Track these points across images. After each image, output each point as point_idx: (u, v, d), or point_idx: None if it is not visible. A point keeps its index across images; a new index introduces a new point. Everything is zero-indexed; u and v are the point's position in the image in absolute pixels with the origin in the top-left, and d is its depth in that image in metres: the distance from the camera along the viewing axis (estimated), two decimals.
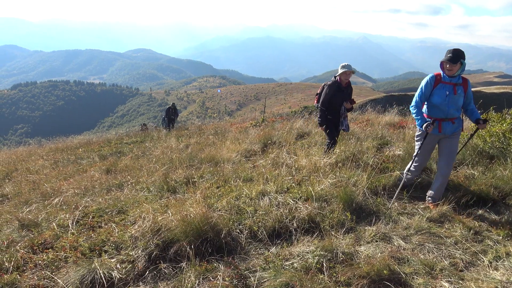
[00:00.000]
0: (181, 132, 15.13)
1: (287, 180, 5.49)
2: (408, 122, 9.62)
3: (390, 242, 3.94)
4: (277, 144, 8.37)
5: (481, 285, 3.17)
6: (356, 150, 6.79)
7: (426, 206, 4.82)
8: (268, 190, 5.09)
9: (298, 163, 6.24)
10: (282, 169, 5.98)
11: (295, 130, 9.87)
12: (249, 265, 3.60)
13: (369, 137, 8.04)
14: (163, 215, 4.21)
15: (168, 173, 6.57)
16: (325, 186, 4.99)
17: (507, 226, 4.17)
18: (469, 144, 6.24)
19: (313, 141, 8.45)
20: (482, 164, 5.80)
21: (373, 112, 12.69)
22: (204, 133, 12.93)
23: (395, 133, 8.46)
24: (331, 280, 3.24)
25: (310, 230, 4.17)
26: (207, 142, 10.35)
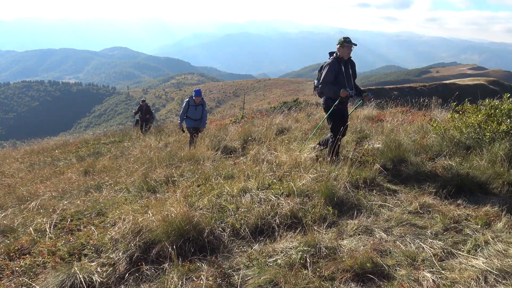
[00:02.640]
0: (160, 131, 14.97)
1: (268, 176, 5.48)
2: (386, 115, 9.74)
3: (372, 235, 3.97)
4: (257, 140, 8.35)
5: (461, 274, 3.22)
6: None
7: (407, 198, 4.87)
8: (250, 187, 5.07)
9: (278, 159, 6.23)
10: (263, 165, 5.97)
11: (274, 126, 9.88)
12: (232, 263, 3.57)
13: (348, 131, 8.09)
14: (144, 216, 4.13)
15: (148, 172, 6.47)
16: (306, 181, 4.99)
17: (485, 215, 4.26)
18: (446, 135, 6.35)
19: (293, 136, 8.46)
20: (459, 155, 5.90)
21: (350, 106, 12.77)
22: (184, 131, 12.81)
23: (373, 126, 8.54)
24: (315, 275, 3.24)
25: (293, 226, 4.16)
26: (187, 140, 10.26)
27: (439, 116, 8.81)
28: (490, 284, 3.07)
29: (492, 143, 5.66)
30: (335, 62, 6.10)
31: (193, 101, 10.20)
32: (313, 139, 7.55)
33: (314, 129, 8.28)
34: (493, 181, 4.96)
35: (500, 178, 4.91)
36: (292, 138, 8.34)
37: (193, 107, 10.19)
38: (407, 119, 9.07)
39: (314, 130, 8.17)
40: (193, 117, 10.26)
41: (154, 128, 16.74)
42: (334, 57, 6.14)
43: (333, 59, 6.13)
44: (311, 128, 8.99)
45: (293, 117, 11.59)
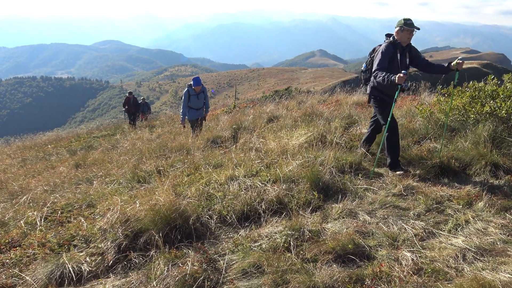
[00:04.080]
0: (153, 122, 14.99)
1: (256, 163, 5.54)
2: None
3: (356, 218, 4.05)
4: (248, 129, 8.40)
5: (441, 252, 3.30)
6: (325, 130, 6.89)
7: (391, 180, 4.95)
8: (237, 174, 5.13)
9: (267, 147, 6.29)
10: (252, 153, 6.03)
11: (265, 115, 9.92)
12: (218, 249, 3.64)
13: (337, 117, 8.16)
14: (132, 206, 4.19)
15: (138, 164, 6.52)
16: (293, 167, 5.05)
17: (466, 195, 4.34)
18: (432, 118, 6.42)
19: (283, 124, 8.51)
20: (444, 137, 5.98)
21: (342, 93, 12.84)
22: (176, 123, 12.85)
23: (362, 112, 8.60)
24: (298, 258, 3.31)
25: (278, 211, 4.24)
26: (179, 131, 10.30)
27: (427, 99, 8.88)
28: (468, 261, 3.16)
29: (476, 124, 5.74)
30: (390, 46, 5.24)
31: (193, 90, 9.72)
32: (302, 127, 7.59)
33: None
34: (477, 162, 5.04)
35: (483, 159, 4.99)
36: (282, 125, 8.38)
37: (194, 97, 9.69)
38: (397, 104, 9.12)
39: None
40: (195, 106, 9.77)
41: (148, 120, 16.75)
42: (390, 41, 5.29)
43: (388, 43, 5.28)
44: (301, 116, 9.04)
45: (284, 105, 11.62)
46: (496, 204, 4.03)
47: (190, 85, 9.69)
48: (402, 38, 5.22)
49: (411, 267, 3.08)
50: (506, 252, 3.22)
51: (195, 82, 9.64)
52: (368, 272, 3.06)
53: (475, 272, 2.94)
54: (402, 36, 5.21)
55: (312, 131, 6.74)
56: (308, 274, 3.04)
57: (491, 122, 5.59)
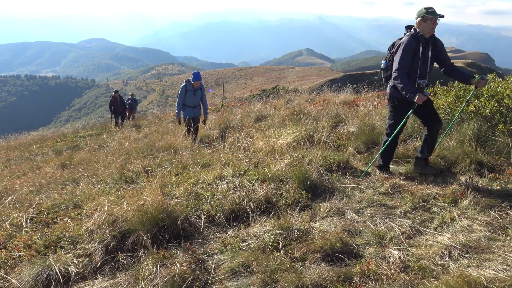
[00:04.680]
0: (140, 122, 14.88)
1: (245, 163, 5.55)
2: (362, 100, 9.87)
3: (344, 216, 4.08)
4: (236, 128, 8.40)
5: (427, 250, 3.35)
6: (312, 130, 6.93)
7: (378, 179, 5.00)
8: (226, 174, 5.13)
9: (255, 146, 6.30)
10: (240, 152, 6.04)
11: (253, 114, 9.93)
12: (207, 249, 3.65)
13: (324, 116, 8.20)
14: (120, 206, 4.17)
15: (125, 164, 6.48)
16: (281, 166, 5.08)
17: (452, 193, 4.40)
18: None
19: (271, 123, 8.53)
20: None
21: (329, 92, 12.91)
22: (163, 122, 12.79)
23: (349, 111, 8.66)
24: (286, 257, 3.33)
25: (267, 211, 4.25)
26: (166, 131, 10.25)
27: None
28: (454, 258, 3.20)
29: (461, 123, 5.82)
30: (412, 40, 4.72)
31: (190, 85, 9.04)
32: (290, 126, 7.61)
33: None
34: (462, 161, 5.10)
35: (468, 157, 5.06)
36: (269, 125, 8.40)
37: (191, 93, 9.04)
38: (383, 103, 9.21)
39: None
40: (191, 104, 9.14)
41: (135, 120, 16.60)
42: (411, 33, 4.78)
43: (410, 36, 4.76)
44: (288, 115, 9.06)
45: (271, 104, 11.65)
46: (481, 202, 4.09)
47: (188, 80, 9.13)
48: (425, 29, 4.70)
49: (398, 265, 3.12)
50: (491, 249, 3.27)
51: (195, 76, 9.06)
52: (356, 271, 3.09)
53: (460, 269, 2.98)
54: (425, 27, 4.69)
55: (300, 130, 6.77)
56: (297, 273, 3.06)
57: (476, 121, 5.67)
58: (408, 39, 4.73)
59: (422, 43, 4.72)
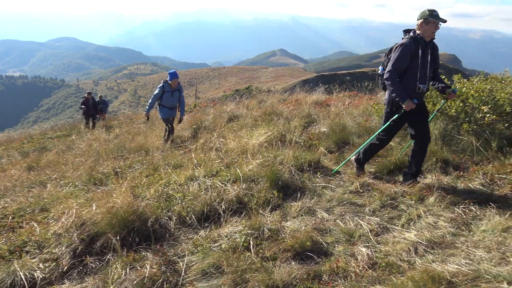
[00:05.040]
0: (111, 123, 14.64)
1: (216, 163, 5.54)
2: (334, 100, 10.00)
3: (314, 215, 4.13)
4: (208, 128, 8.37)
5: (394, 246, 3.43)
6: (284, 130, 6.97)
7: (348, 178, 5.08)
8: (197, 175, 5.11)
9: (227, 146, 6.29)
10: (212, 153, 6.02)
11: (225, 114, 9.91)
12: (178, 250, 3.62)
13: (296, 116, 8.26)
14: (88, 209, 4.09)
15: (95, 165, 6.36)
16: (253, 166, 5.09)
17: (419, 191, 4.51)
18: None
19: (243, 123, 8.53)
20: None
21: (302, 92, 13.01)
22: (134, 122, 12.62)
23: (321, 111, 8.76)
24: (257, 257, 3.34)
25: (238, 211, 4.25)
26: (138, 132, 10.12)
27: (383, 99, 9.14)
28: (420, 254, 3.29)
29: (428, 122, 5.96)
30: (411, 43, 4.53)
31: (168, 86, 8.67)
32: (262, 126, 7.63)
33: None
34: (428, 159, 5.24)
35: (434, 156, 5.21)
36: (242, 125, 8.41)
37: (168, 94, 8.64)
38: (354, 103, 9.37)
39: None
40: (169, 105, 8.74)
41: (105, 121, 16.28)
42: (411, 36, 4.60)
43: (409, 39, 4.57)
44: (261, 115, 9.09)
45: (244, 105, 11.65)
46: (446, 199, 4.21)
47: (166, 81, 8.73)
48: (426, 32, 4.49)
49: (366, 261, 3.18)
50: (455, 244, 3.38)
51: (172, 75, 8.69)
52: (325, 268, 3.14)
53: (426, 265, 3.07)
54: (426, 30, 4.48)
55: (272, 130, 6.81)
56: (267, 272, 3.08)
57: (442, 121, 5.83)
58: (407, 42, 4.56)
59: (422, 46, 4.54)
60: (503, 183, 4.50)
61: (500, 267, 2.98)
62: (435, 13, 4.44)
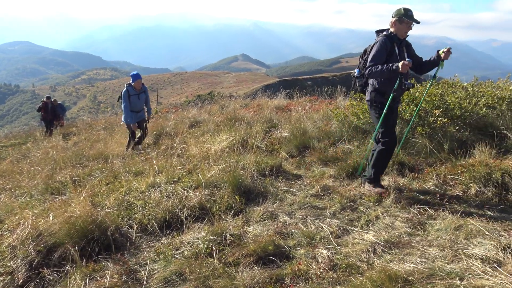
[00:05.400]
0: (69, 129, 14.21)
1: (178, 170, 5.51)
2: (295, 105, 10.16)
3: (276, 219, 4.17)
4: (170, 134, 8.30)
5: (354, 247, 3.52)
6: (246, 135, 7.01)
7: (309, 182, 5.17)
8: (159, 181, 5.07)
9: (189, 152, 6.27)
10: (174, 159, 5.98)
11: (187, 120, 9.86)
12: (139, 259, 3.57)
13: (258, 121, 8.33)
14: (45, 219, 3.97)
15: (52, 174, 6.18)
16: (215, 172, 5.10)
17: (377, 192, 4.65)
18: (346, 121, 6.81)
19: (206, 129, 8.52)
20: (357, 139, 6.36)
21: (264, 97, 13.12)
22: (94, 129, 12.32)
23: (282, 116, 8.87)
24: (220, 263, 3.35)
25: (201, 217, 4.25)
26: (97, 138, 9.89)
27: (342, 103, 9.38)
28: (378, 254, 3.39)
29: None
30: (386, 40, 4.54)
31: (133, 88, 8.13)
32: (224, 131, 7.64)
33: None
34: None
35: (391, 158, 5.38)
36: (204, 130, 8.39)
37: (134, 97, 8.13)
38: (315, 108, 9.54)
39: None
40: (136, 108, 8.25)
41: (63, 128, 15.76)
42: (385, 34, 4.61)
43: (384, 36, 4.59)
44: (223, 120, 9.10)
45: (206, 110, 11.63)
46: (402, 200, 4.36)
47: (129, 83, 8.19)
48: (400, 30, 4.52)
49: (327, 263, 3.24)
50: (411, 244, 3.51)
51: (135, 76, 8.15)
52: (287, 272, 3.18)
53: (383, 264, 3.16)
54: (400, 28, 4.51)
55: (234, 135, 6.84)
56: (230, 278, 3.09)
57: (397, 124, 6.04)
58: (382, 39, 4.55)
59: (396, 43, 4.55)
60: (455, 184, 4.71)
61: (453, 264, 3.12)
62: (409, 13, 4.44)
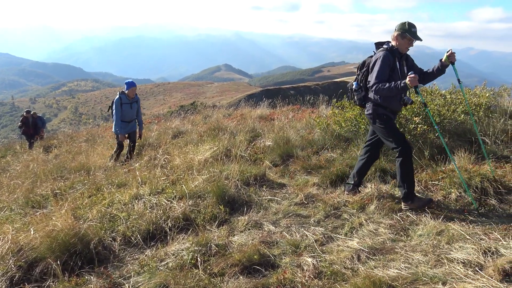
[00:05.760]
0: (50, 142, 13.98)
1: (162, 180, 5.48)
2: (278, 114, 10.22)
3: (261, 228, 4.18)
4: (152, 145, 8.25)
5: (339, 255, 3.54)
6: (230, 144, 7.02)
7: (294, 190, 5.20)
8: (142, 193, 5.03)
9: (172, 163, 6.24)
10: (157, 170, 5.94)
11: (170, 130, 9.82)
12: (123, 272, 3.53)
13: (241, 131, 8.35)
14: (26, 234, 3.90)
15: (33, 188, 6.08)
16: (199, 182, 5.09)
17: (360, 200, 4.70)
18: (328, 129, 6.87)
19: (189, 139, 8.49)
20: (340, 147, 6.43)
21: (247, 107, 13.17)
22: (75, 141, 12.16)
23: (265, 125, 8.91)
24: (205, 273, 3.33)
25: (185, 228, 4.23)
26: (79, 150, 9.75)
27: (325, 112, 9.47)
28: (362, 261, 3.42)
29: (367, 134, 6.24)
30: (388, 55, 4.39)
31: (126, 97, 7.76)
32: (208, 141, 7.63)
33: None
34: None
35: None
36: (187, 141, 8.36)
37: (127, 106, 7.77)
38: (297, 117, 9.61)
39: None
40: (128, 118, 7.89)
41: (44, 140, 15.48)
42: (387, 48, 4.46)
43: (386, 51, 4.43)
44: (206, 130, 9.09)
45: (189, 120, 11.61)
46: (385, 207, 4.42)
47: (122, 91, 7.84)
48: (401, 45, 4.43)
49: (312, 271, 3.26)
50: (394, 250, 3.55)
51: (129, 84, 7.80)
52: (272, 281, 3.18)
53: (368, 271, 3.19)
54: (402, 44, 4.42)
55: (217, 145, 6.84)
56: None
57: None
58: (384, 54, 4.39)
59: (398, 58, 4.46)
60: (435, 189, 4.79)
61: (436, 268, 3.17)
62: (413, 29, 4.36)
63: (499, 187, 4.47)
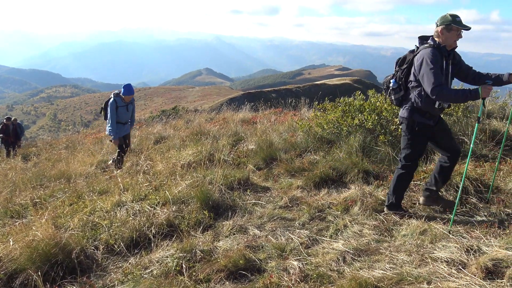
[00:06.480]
0: (28, 150, 13.70)
1: (144, 187, 5.41)
2: (260, 117, 10.23)
3: (246, 233, 4.16)
4: (134, 151, 8.15)
5: (324, 257, 3.54)
6: (212, 149, 6.99)
7: (278, 194, 5.20)
8: (125, 200, 4.96)
9: (155, 169, 6.17)
10: (139, 176, 5.87)
11: (152, 136, 9.73)
12: (106, 281, 3.46)
13: (224, 135, 8.32)
14: (5, 245, 3.80)
15: (11, 197, 5.93)
16: (182, 188, 5.04)
17: (344, 201, 4.73)
18: (310, 132, 6.90)
19: (171, 144, 8.43)
20: (323, 149, 6.46)
21: (229, 111, 13.15)
22: (55, 148, 11.94)
23: (248, 128, 8.90)
24: (191, 280, 3.29)
25: (169, 234, 4.18)
26: (59, 158, 9.58)
27: (307, 114, 9.52)
28: (348, 262, 3.43)
29: (349, 136, 6.30)
30: (436, 53, 3.86)
31: (121, 100, 7.66)
32: (190, 146, 7.58)
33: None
34: (351, 170, 5.51)
35: (356, 167, 5.49)
36: (169, 146, 8.30)
37: (123, 108, 7.67)
38: (280, 120, 9.64)
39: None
40: (123, 120, 7.78)
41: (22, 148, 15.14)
42: (432, 45, 3.92)
43: (433, 49, 3.89)
44: (189, 135, 9.04)
45: (171, 125, 11.53)
46: (369, 208, 4.45)
47: (117, 94, 7.72)
48: (448, 39, 3.89)
49: (298, 275, 3.25)
50: (379, 250, 3.57)
51: (127, 90, 7.66)
52: (259, 285, 3.16)
53: (354, 272, 3.20)
54: (448, 37, 3.88)
55: (200, 150, 6.80)
56: None
57: (361, 133, 6.19)
58: (432, 52, 3.86)
59: (445, 56, 3.93)
60: (418, 189, 4.85)
61: (420, 268, 3.19)
62: (458, 19, 3.86)
63: (479, 185, 4.55)
